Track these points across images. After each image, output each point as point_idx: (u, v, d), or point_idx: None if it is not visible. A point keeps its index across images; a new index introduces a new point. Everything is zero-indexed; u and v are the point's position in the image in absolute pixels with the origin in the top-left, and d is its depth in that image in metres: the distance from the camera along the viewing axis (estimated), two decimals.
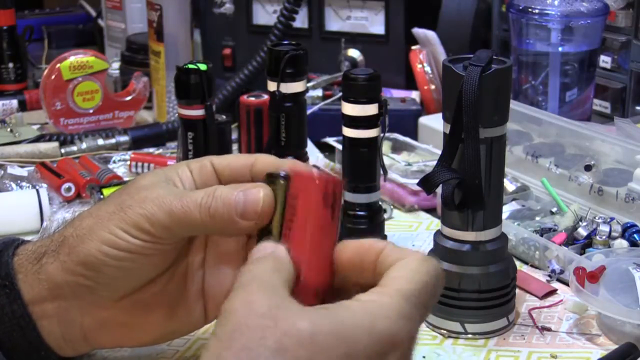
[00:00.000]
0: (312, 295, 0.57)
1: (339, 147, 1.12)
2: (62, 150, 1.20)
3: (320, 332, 0.50)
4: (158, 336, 0.69)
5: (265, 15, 1.41)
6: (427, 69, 1.30)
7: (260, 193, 0.61)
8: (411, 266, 0.55)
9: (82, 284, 0.64)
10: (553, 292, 0.86)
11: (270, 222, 0.61)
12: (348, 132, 0.87)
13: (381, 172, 0.89)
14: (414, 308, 0.53)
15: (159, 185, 0.65)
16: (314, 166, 0.61)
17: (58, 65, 1.24)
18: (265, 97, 1.00)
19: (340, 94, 0.91)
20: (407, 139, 1.18)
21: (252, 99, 1.05)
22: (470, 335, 0.79)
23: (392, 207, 1.04)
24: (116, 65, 1.44)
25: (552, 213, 0.98)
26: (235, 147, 1.12)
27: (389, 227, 0.97)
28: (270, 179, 0.62)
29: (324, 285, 0.58)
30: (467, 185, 0.75)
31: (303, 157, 0.97)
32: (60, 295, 0.65)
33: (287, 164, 0.64)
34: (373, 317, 0.52)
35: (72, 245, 0.64)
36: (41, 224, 0.99)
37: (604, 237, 0.90)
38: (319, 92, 1.26)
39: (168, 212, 0.62)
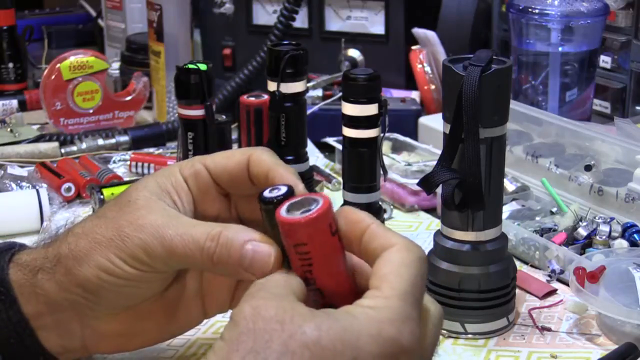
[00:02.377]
0: None
1: (339, 147, 1.12)
2: (62, 150, 1.20)
3: (327, 337, 0.51)
4: (158, 339, 0.70)
5: (265, 15, 1.41)
6: (427, 69, 1.30)
7: (271, 255, 0.59)
8: (399, 260, 0.55)
9: (81, 302, 0.64)
10: (553, 292, 0.86)
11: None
12: (348, 132, 0.87)
13: (381, 172, 0.89)
14: (411, 306, 0.53)
15: (154, 206, 0.63)
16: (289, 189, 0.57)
17: (58, 65, 1.24)
18: (265, 97, 1.00)
19: (340, 94, 0.91)
20: (407, 139, 1.18)
21: (252, 99, 1.05)
22: (470, 335, 0.79)
23: (392, 207, 1.04)
24: (116, 65, 1.44)
25: (552, 213, 0.98)
26: (235, 147, 1.12)
27: (389, 227, 0.96)
28: (266, 205, 0.58)
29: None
30: (467, 185, 0.75)
31: (303, 157, 0.97)
32: (59, 310, 0.65)
33: (280, 172, 0.63)
34: (379, 323, 0.52)
35: (68, 266, 0.63)
36: (41, 224, 0.99)
37: (604, 237, 0.90)
38: (319, 92, 1.26)
39: (168, 249, 0.61)
